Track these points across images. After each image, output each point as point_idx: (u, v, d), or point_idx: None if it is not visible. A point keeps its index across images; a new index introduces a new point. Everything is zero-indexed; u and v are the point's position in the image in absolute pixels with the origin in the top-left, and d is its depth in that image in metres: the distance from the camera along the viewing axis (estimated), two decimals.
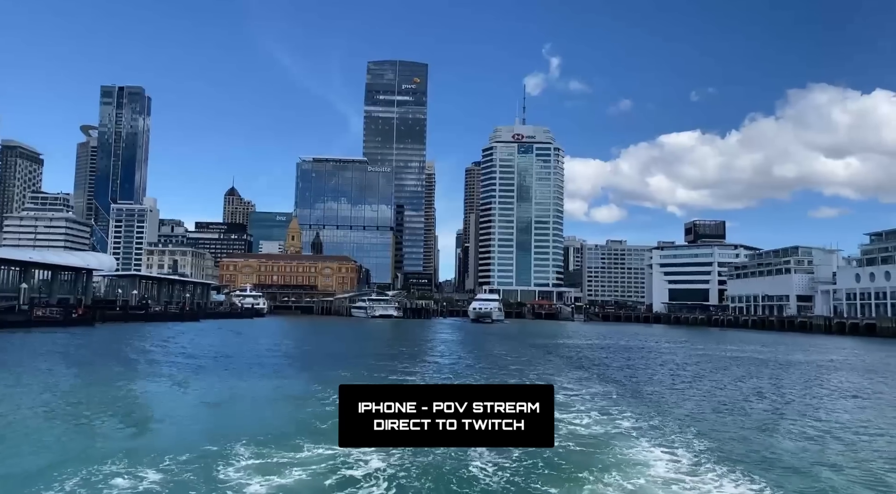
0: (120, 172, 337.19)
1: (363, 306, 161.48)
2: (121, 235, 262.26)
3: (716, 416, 23.46)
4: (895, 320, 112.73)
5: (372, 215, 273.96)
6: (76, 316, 68.93)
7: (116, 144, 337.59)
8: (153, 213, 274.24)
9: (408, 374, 34.71)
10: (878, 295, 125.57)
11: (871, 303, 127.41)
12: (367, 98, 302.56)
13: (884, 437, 20.42)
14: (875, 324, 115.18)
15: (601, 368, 42.16)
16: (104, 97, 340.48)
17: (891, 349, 76.01)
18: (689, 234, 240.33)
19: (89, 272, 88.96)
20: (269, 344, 59.53)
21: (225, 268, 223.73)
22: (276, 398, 24.83)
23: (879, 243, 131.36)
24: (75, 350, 45.29)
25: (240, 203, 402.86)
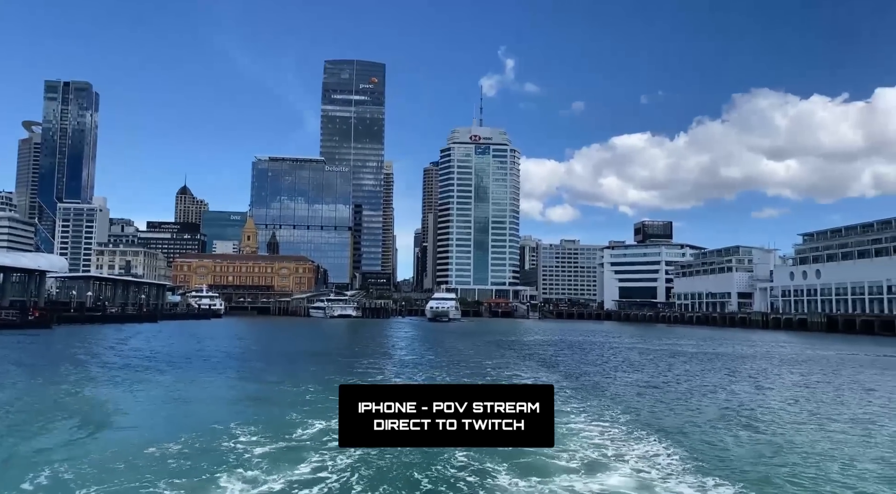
0: (66, 169, 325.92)
1: (321, 307, 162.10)
2: (68, 235, 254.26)
3: (640, 398, 26.82)
4: (824, 315, 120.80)
5: (329, 215, 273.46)
6: (33, 318, 68.37)
7: (62, 141, 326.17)
8: (103, 212, 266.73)
9: (376, 371, 37.17)
10: (810, 292, 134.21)
11: (804, 299, 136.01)
12: (325, 97, 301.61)
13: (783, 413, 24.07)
14: (806, 319, 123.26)
15: (551, 360, 45.52)
16: (48, 92, 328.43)
17: (814, 342, 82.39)
18: (639, 234, 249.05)
19: (42, 274, 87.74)
20: (234, 345, 60.85)
21: (179, 268, 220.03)
22: (254, 398, 25.45)
23: (811, 243, 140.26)
24: (35, 353, 45.81)
25: (192, 202, 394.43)
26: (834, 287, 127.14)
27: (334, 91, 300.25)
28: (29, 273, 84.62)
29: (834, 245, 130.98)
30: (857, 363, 49.08)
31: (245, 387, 28.59)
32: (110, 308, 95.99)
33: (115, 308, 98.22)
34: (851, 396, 29.67)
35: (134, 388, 27.70)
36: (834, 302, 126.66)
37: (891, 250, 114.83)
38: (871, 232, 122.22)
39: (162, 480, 12.84)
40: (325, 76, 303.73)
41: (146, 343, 55.91)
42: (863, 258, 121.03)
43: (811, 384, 34.16)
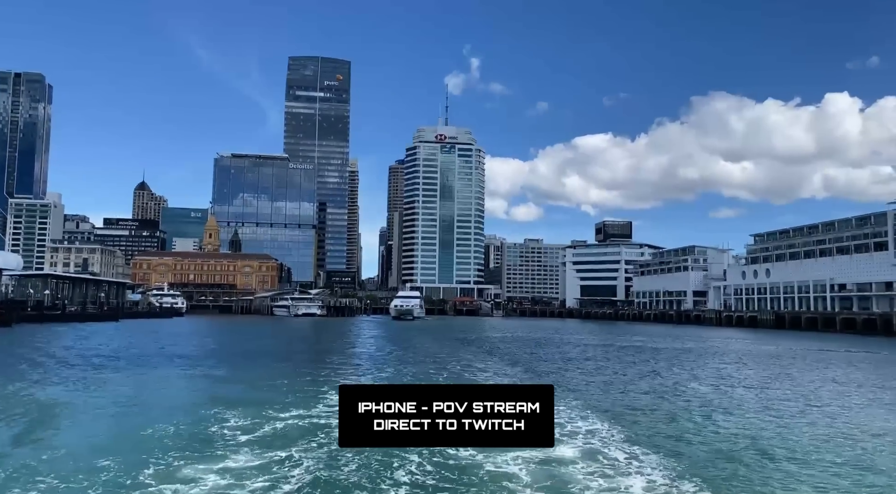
0: (17, 163, 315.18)
1: (286, 305, 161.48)
2: (20, 231, 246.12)
3: (601, 393, 28.95)
4: (772, 313, 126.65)
5: (293, 213, 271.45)
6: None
7: (12, 134, 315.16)
8: (57, 208, 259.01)
9: (348, 367, 38.50)
10: (760, 291, 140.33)
11: (755, 298, 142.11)
12: (288, 93, 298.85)
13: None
14: (756, 316, 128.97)
15: (512, 355, 47.54)
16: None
17: (761, 338, 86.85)
18: (600, 233, 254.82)
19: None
20: (201, 345, 61.12)
21: (138, 266, 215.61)
22: (233, 398, 25.35)
23: (762, 243, 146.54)
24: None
25: (151, 198, 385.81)
26: (782, 286, 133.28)
27: (298, 87, 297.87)
28: None
29: (783, 246, 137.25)
30: (797, 357, 52.58)
31: (224, 387, 28.37)
32: (70, 307, 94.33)
33: (75, 307, 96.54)
34: (778, 386, 32.41)
35: (100, 387, 27.71)
36: (782, 300, 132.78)
37: (833, 251, 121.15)
38: (817, 233, 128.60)
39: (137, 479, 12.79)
40: (289, 72, 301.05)
41: (109, 343, 55.75)
42: (808, 258, 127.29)
43: (736, 375, 36.96)
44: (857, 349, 62.54)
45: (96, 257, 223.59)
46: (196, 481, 12.83)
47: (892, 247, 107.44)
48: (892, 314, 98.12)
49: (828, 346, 67.67)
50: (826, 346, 67.63)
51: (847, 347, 66.12)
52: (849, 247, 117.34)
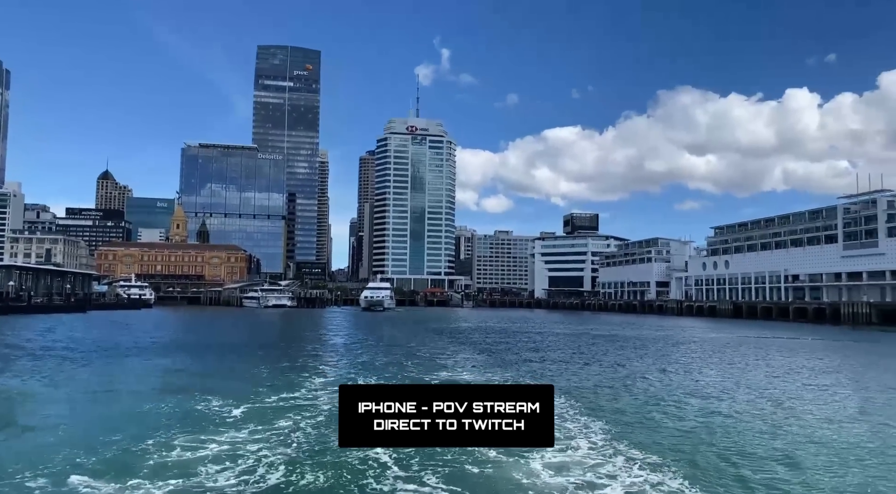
0: None
1: (255, 297, 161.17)
2: None
3: (571, 379, 31.15)
4: (730, 302, 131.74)
5: (262, 203, 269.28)
6: None
7: None
8: (17, 198, 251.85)
9: (321, 356, 40.04)
10: (719, 281, 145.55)
11: (714, 288, 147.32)
12: (257, 83, 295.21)
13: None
14: (715, 306, 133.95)
15: (479, 344, 49.65)
16: None
17: (718, 326, 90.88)
18: (567, 225, 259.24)
19: None
20: (174, 336, 61.80)
21: (103, 257, 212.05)
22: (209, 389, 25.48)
23: (721, 235, 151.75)
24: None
25: (115, 188, 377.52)
26: (740, 277, 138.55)
27: (267, 77, 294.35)
28: None
29: (741, 238, 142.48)
30: (747, 344, 55.91)
31: (202, 380, 27.32)
32: (35, 299, 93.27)
33: (41, 299, 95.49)
34: (723, 369, 35.16)
35: (69, 379, 27.93)
36: (740, 290, 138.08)
37: (788, 243, 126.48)
38: (773, 226, 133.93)
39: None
40: (258, 62, 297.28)
41: (77, 334, 55.91)
42: (765, 250, 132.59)
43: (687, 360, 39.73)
44: (804, 337, 66.48)
45: (59, 247, 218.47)
46: (184, 480, 12.48)
47: (842, 240, 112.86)
48: (839, 304, 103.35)
49: (778, 334, 71.60)
50: (777, 334, 71.55)
51: (795, 335, 70.10)
52: (802, 240, 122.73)
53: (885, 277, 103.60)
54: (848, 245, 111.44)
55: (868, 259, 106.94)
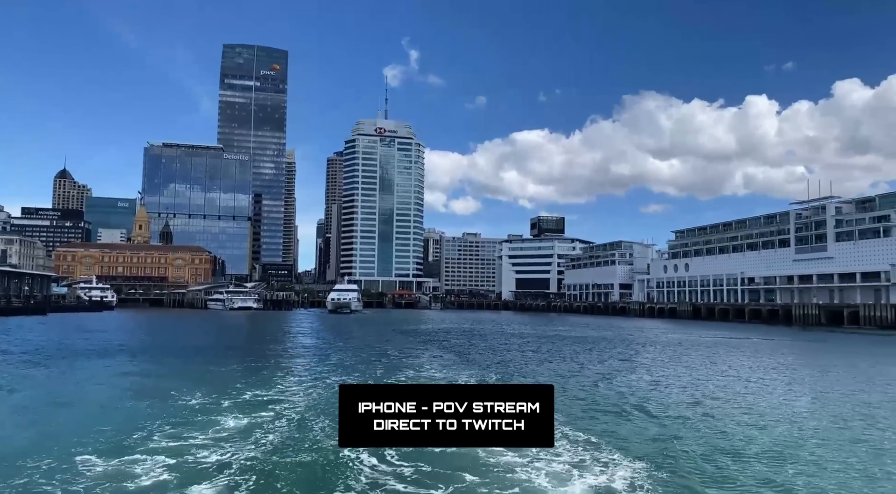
0: None
1: (221, 299, 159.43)
2: None
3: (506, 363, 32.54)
4: (690, 304, 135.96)
5: (228, 204, 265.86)
6: None
7: None
8: None
9: (292, 357, 40.68)
10: (680, 283, 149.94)
11: (675, 290, 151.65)
12: (222, 82, 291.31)
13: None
14: (675, 308, 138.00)
15: (445, 343, 50.85)
16: None
17: (677, 327, 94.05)
18: (534, 228, 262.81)
19: None
20: (138, 339, 61.38)
21: (61, 258, 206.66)
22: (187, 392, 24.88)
23: (682, 239, 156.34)
24: None
25: (73, 187, 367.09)
26: (699, 279, 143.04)
27: (233, 76, 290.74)
28: None
29: (700, 242, 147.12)
30: (698, 344, 58.46)
31: (179, 383, 26.27)
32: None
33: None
34: (667, 370, 37.14)
35: (28, 385, 27.59)
36: (699, 293, 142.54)
37: (744, 247, 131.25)
38: (730, 230, 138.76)
39: None
40: (223, 60, 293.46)
41: (36, 337, 54.99)
42: (723, 254, 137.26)
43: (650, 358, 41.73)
44: (753, 337, 69.61)
45: (14, 248, 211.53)
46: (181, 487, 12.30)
47: (794, 244, 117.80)
48: (791, 305, 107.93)
49: (731, 334, 74.75)
50: (731, 334, 74.69)
51: (746, 335, 73.32)
52: (757, 243, 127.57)
53: (834, 279, 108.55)
54: (800, 249, 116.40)
55: (818, 263, 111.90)
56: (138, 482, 12.62)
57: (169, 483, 12.56)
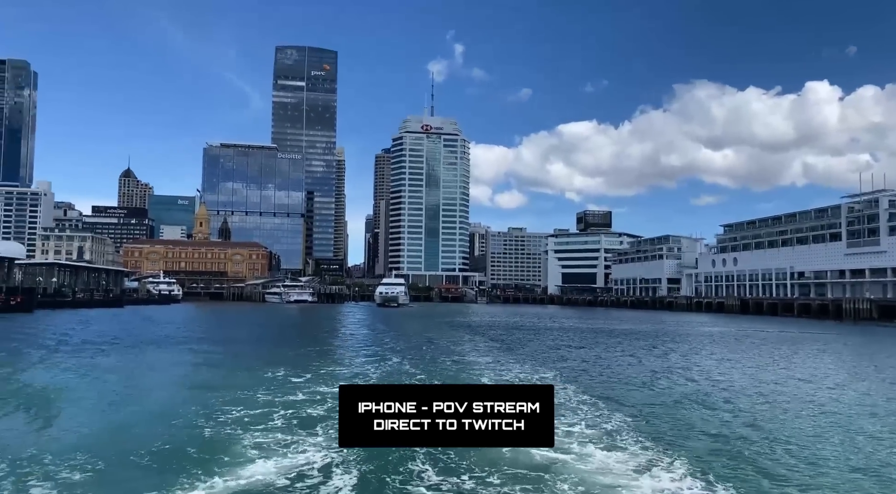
0: (3, 149, 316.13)
1: (277, 292, 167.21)
2: (11, 219, 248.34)
3: (592, 375, 35.91)
4: (738, 298, 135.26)
5: (281, 201, 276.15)
6: (14, 303, 72.76)
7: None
8: (47, 197, 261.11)
9: (347, 347, 45.21)
10: (728, 278, 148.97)
11: (723, 284, 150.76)
12: (275, 83, 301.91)
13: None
14: (723, 302, 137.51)
15: (492, 335, 54.50)
16: None
17: (726, 321, 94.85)
18: (581, 223, 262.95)
19: (11, 261, 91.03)
20: (213, 329, 67.43)
21: (129, 254, 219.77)
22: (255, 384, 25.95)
23: (730, 233, 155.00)
24: (33, 335, 50.82)
25: (136, 186, 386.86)
26: (748, 273, 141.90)
27: (285, 77, 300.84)
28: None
29: (749, 236, 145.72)
30: (750, 338, 60.20)
31: (252, 373, 27.51)
32: (77, 294, 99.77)
33: (82, 294, 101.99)
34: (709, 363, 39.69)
35: (139, 369, 31.43)
36: (747, 287, 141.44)
37: (794, 241, 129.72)
38: (780, 224, 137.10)
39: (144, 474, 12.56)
40: (276, 62, 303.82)
41: (123, 327, 61.14)
42: (772, 248, 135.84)
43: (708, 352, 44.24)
44: (809, 331, 70.40)
45: (88, 245, 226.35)
46: (191, 480, 12.10)
47: (845, 238, 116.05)
48: (841, 300, 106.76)
49: (785, 328, 75.50)
50: (784, 328, 75.42)
51: (800, 329, 73.98)
52: (808, 238, 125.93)
53: (887, 274, 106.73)
54: (851, 243, 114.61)
55: (870, 257, 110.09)
56: (221, 466, 12.95)
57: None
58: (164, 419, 17.55)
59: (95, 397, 21.78)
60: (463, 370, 30.10)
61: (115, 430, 16.58)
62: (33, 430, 16.68)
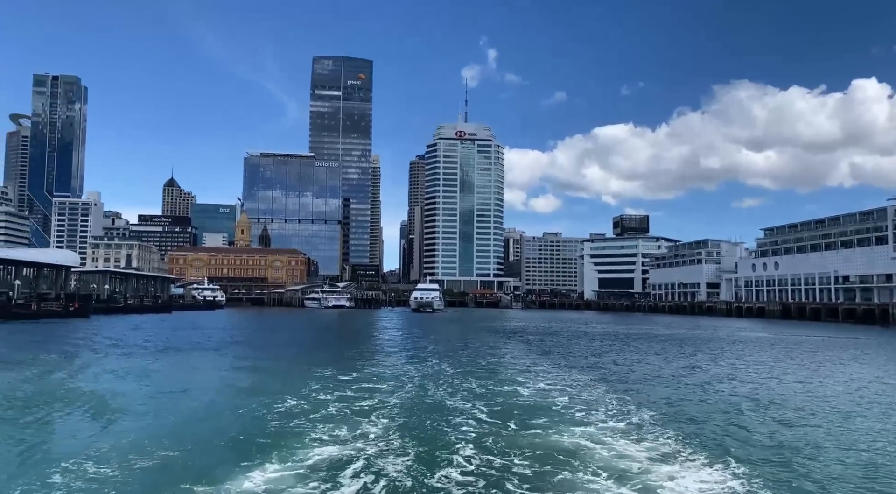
0: (55, 162, 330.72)
1: (317, 298, 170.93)
2: (64, 228, 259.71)
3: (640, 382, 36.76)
4: (779, 303, 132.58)
5: (319, 208, 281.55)
6: (73, 309, 76.97)
7: (51, 134, 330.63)
8: (97, 206, 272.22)
9: (395, 349, 46.85)
10: (769, 282, 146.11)
11: (764, 289, 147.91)
12: (312, 93, 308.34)
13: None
14: (764, 307, 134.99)
15: (532, 341, 55.45)
16: (37, 86, 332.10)
17: (765, 326, 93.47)
18: (617, 227, 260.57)
19: (68, 269, 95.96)
20: (263, 333, 70.11)
21: (174, 261, 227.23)
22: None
23: (771, 237, 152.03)
24: (91, 338, 53.98)
25: (179, 195, 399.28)
26: (790, 278, 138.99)
27: (321, 87, 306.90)
28: (57, 268, 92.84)
29: (791, 239, 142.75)
30: (796, 343, 59.73)
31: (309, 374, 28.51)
32: (128, 300, 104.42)
33: (133, 300, 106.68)
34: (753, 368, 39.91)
35: (198, 369, 36.05)
36: (789, 291, 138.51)
37: (838, 245, 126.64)
38: (823, 228, 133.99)
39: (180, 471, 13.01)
40: (313, 72, 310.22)
41: (175, 332, 64.18)
42: (814, 252, 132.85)
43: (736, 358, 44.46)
44: (855, 336, 69.23)
45: (135, 252, 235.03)
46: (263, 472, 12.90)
47: (892, 241, 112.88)
48: (889, 305, 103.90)
49: (831, 334, 74.25)
50: (827, 334, 74.17)
51: (844, 335, 72.68)
52: (852, 241, 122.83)
53: None
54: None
55: None
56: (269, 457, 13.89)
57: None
58: (233, 411, 19.55)
59: (169, 393, 24.16)
60: (499, 372, 31.33)
61: (191, 421, 18.51)
62: (137, 415, 18.64)
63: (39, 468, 13.15)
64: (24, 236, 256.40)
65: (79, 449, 14.46)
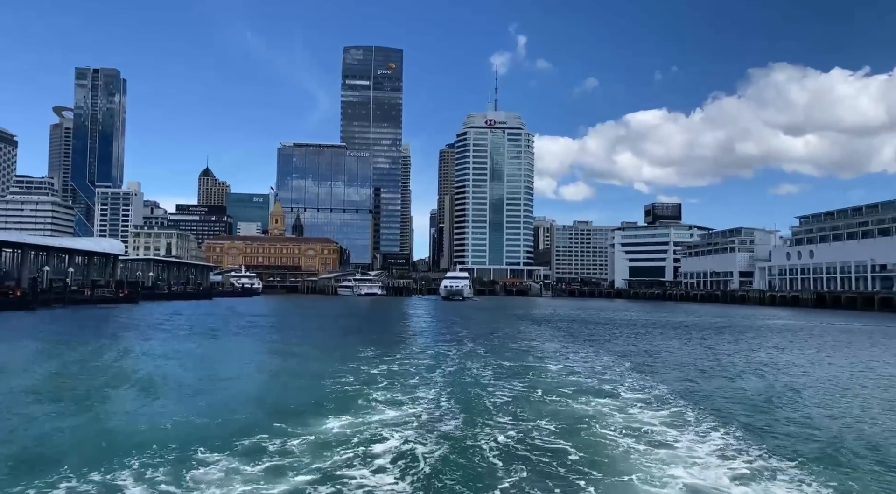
0: (97, 153, 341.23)
1: (350, 285, 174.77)
2: (106, 218, 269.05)
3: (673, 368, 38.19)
4: (814, 292, 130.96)
5: (350, 198, 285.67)
6: (123, 295, 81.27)
7: (92, 126, 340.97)
8: (138, 196, 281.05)
9: (433, 333, 49.04)
10: (803, 271, 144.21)
11: (798, 278, 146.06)
12: (343, 83, 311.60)
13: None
14: (798, 296, 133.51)
15: (562, 327, 56.98)
16: (79, 79, 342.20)
17: (802, 315, 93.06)
18: (649, 215, 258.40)
19: (116, 257, 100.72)
20: (305, 319, 73.13)
21: (211, 250, 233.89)
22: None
23: (806, 225, 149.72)
24: (143, 322, 57.12)
25: (214, 184, 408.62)
26: (825, 266, 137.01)
27: (352, 77, 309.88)
28: (106, 256, 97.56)
29: (826, 227, 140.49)
30: (825, 332, 60.06)
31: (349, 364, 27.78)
32: (172, 287, 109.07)
33: (176, 287, 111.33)
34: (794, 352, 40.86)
35: (260, 351, 39.10)
36: (824, 280, 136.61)
37: (876, 233, 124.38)
38: (860, 215, 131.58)
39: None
40: (344, 62, 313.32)
41: (220, 316, 67.49)
42: (851, 240, 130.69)
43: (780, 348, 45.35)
44: (876, 324, 68.95)
45: (174, 241, 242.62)
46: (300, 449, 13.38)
47: None
48: None
49: (869, 323, 73.91)
50: (867, 323, 73.83)
51: (885, 324, 72.19)
52: (890, 229, 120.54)
53: None
54: None
55: None
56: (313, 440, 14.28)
57: None
58: (296, 381, 22.15)
59: (235, 369, 27.28)
60: (529, 353, 33.13)
61: (259, 391, 20.98)
62: (205, 389, 21.03)
63: (115, 439, 14.11)
64: (69, 225, 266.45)
65: (163, 416, 16.69)
